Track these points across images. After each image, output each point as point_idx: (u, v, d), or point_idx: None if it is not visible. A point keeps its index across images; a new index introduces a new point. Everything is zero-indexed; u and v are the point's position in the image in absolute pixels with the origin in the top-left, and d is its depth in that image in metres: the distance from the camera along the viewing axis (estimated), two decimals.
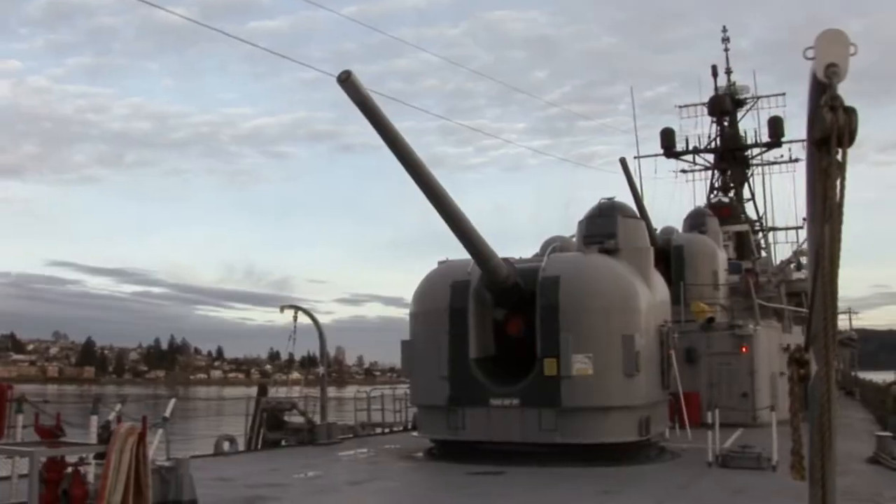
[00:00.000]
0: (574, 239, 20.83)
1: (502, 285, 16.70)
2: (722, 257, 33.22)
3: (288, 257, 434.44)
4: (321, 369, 24.44)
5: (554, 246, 18.50)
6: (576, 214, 19.87)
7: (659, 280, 19.01)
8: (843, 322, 49.53)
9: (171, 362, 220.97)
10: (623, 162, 32.88)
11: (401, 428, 27.78)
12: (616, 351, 16.44)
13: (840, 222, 3.40)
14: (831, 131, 3.30)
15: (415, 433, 19.09)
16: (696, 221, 35.39)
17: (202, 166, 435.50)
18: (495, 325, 17.68)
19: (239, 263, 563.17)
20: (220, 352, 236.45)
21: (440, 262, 18.92)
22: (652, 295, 17.91)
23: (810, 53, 3.62)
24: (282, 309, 24.64)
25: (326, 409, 24.16)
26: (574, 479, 14.51)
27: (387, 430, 27.22)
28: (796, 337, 30.63)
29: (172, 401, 14.50)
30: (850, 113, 3.34)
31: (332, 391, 26.11)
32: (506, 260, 16.81)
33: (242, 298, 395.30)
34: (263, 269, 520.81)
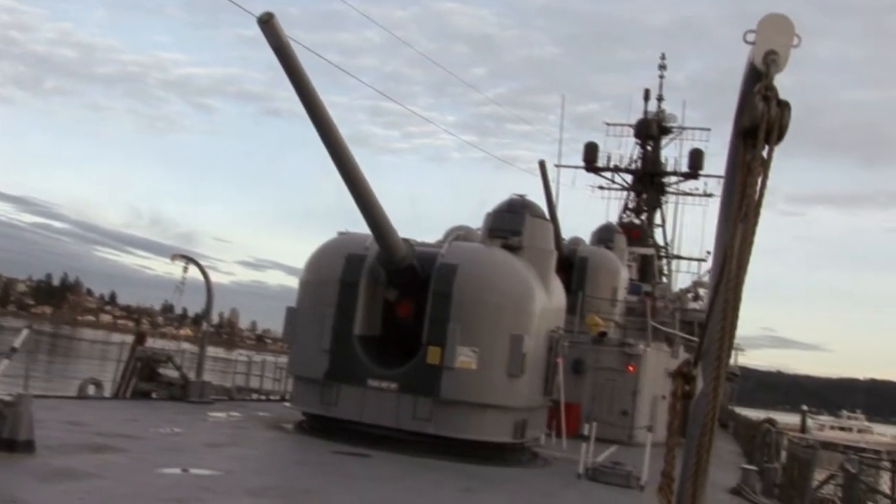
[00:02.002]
0: (480, 231, 20.47)
1: (398, 265, 16.24)
2: (624, 275, 33.46)
3: (198, 212, 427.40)
4: (205, 325, 23.66)
5: (457, 234, 18.10)
6: (482, 214, 19.40)
7: (558, 286, 18.80)
8: (747, 359, 50.72)
9: (60, 300, 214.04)
10: (542, 164, 32.75)
11: (277, 397, 27.18)
12: (503, 349, 16.13)
13: (756, 223, 3.06)
14: (760, 122, 2.95)
15: (287, 404, 18.50)
16: (604, 236, 35.56)
17: (124, 106, 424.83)
18: (385, 304, 17.20)
19: (147, 210, 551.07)
20: (112, 296, 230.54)
21: (340, 233, 18.36)
22: (548, 299, 17.68)
23: (750, 37, 3.29)
24: (173, 258, 23.82)
25: (203, 366, 23.43)
26: (439, 471, 14.16)
27: (263, 398, 26.58)
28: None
29: (25, 332, 13.68)
30: (784, 107, 3.00)
31: (219, 352, 25.36)
32: (406, 240, 16.32)
33: (144, 246, 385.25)
34: (171, 219, 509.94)
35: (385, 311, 17.19)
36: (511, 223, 17.98)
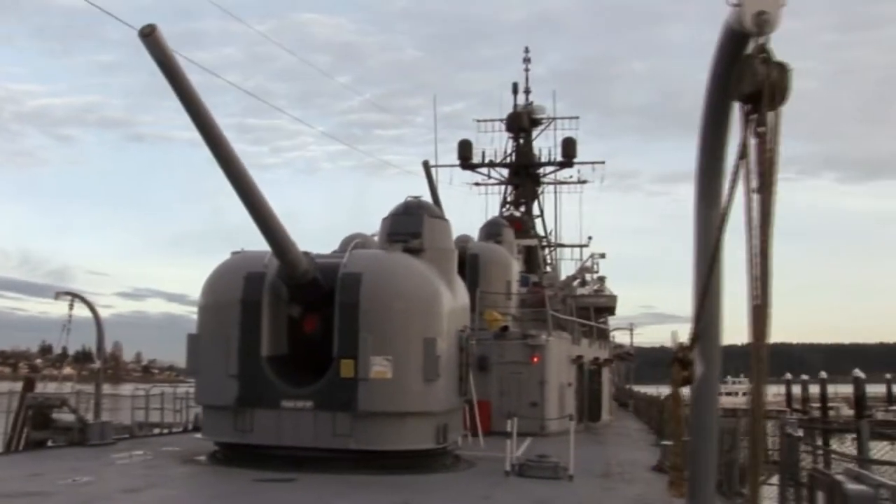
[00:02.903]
0: (376, 238, 20.17)
1: (300, 280, 15.79)
2: (516, 268, 33.69)
3: (68, 246, 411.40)
4: (97, 363, 22.62)
5: (356, 242, 17.75)
6: (368, 222, 19.09)
7: (460, 284, 18.69)
8: (625, 338, 51.80)
9: None
10: (426, 164, 32.77)
11: (181, 429, 26.24)
12: (417, 354, 15.88)
13: (774, 191, 2.91)
14: (763, 86, 2.80)
15: (198, 435, 17.78)
16: (492, 231, 35.68)
17: None
18: (290, 322, 16.70)
19: (14, 250, 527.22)
20: None
21: (234, 253, 17.76)
22: (454, 298, 17.53)
23: None
24: (57, 296, 22.73)
25: (101, 406, 22.42)
26: (370, 487, 13.82)
27: (166, 431, 25.60)
28: (584, 349, 31.47)
29: None
30: (784, 69, 2.86)
31: (107, 388, 24.31)
32: (305, 253, 15.89)
33: (14, 287, 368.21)
34: (41, 257, 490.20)
35: (290, 328, 16.70)
36: (409, 226, 17.75)
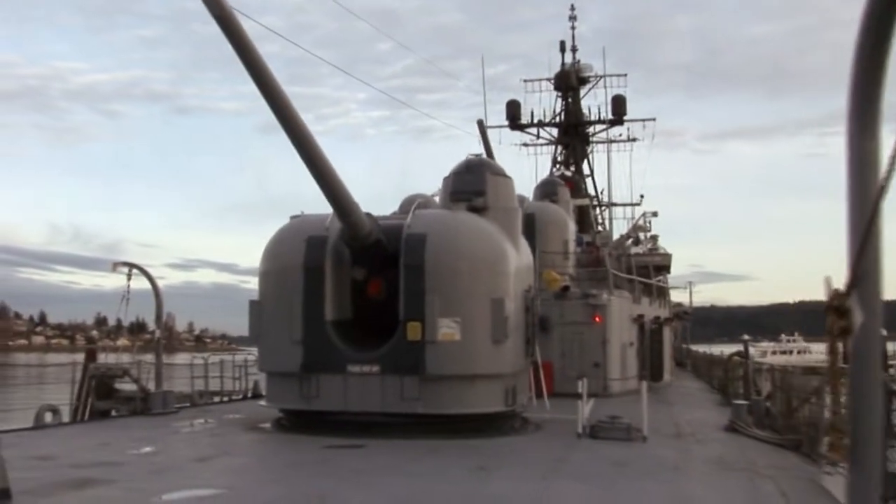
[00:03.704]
0: (436, 198, 19.69)
1: (364, 242, 15.34)
2: (572, 228, 33.10)
3: (118, 220, 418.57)
4: (157, 332, 22.46)
5: (419, 202, 17.25)
6: (410, 186, 18.50)
7: (524, 244, 18.17)
8: (684, 297, 50.96)
9: None
10: (480, 124, 32.15)
11: (240, 396, 26.18)
12: (484, 315, 15.43)
13: None
14: None
15: (261, 402, 17.55)
16: (548, 190, 35.01)
17: (28, 121, 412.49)
18: (353, 285, 16.33)
19: (66, 225, 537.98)
20: (42, 317, 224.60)
21: (292, 217, 17.38)
22: (519, 258, 17.03)
23: None
24: (114, 267, 22.45)
25: (162, 375, 22.31)
26: (441, 452, 13.43)
27: (226, 399, 25.55)
28: (645, 308, 30.83)
29: None
30: None
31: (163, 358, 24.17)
32: (368, 215, 15.42)
33: (69, 261, 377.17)
34: (92, 231, 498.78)
35: (353, 291, 16.33)
36: (473, 184, 17.20)
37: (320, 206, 15.86)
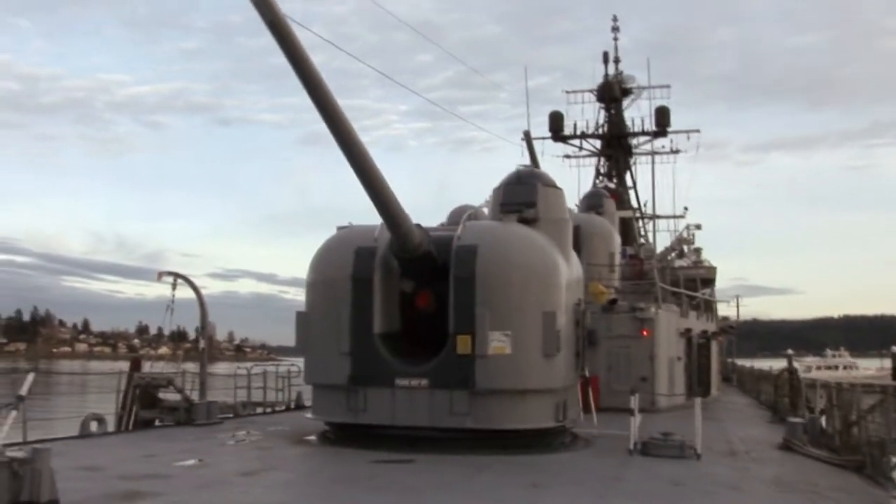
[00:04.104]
0: (485, 209, 19.42)
1: (413, 253, 15.04)
2: (618, 240, 32.71)
3: (160, 230, 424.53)
4: (201, 343, 22.42)
5: (469, 213, 16.97)
6: (451, 197, 18.19)
7: (574, 256, 17.84)
8: (729, 310, 50.18)
9: (32, 335, 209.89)
10: (527, 135, 31.97)
11: (283, 408, 26.04)
12: (536, 329, 15.09)
13: None
14: None
15: (307, 414, 17.32)
16: (593, 202, 34.71)
17: (74, 132, 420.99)
18: (402, 297, 16.07)
19: (109, 234, 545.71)
20: (85, 324, 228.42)
21: (339, 228, 17.18)
22: (570, 271, 16.70)
23: None
24: (159, 276, 22.55)
25: (206, 385, 22.26)
26: (493, 468, 13.12)
27: (269, 410, 25.40)
28: (692, 322, 30.31)
29: (30, 376, 12.45)
30: None
31: (190, 366, 24.16)
32: (418, 226, 15.13)
33: (112, 270, 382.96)
34: (135, 241, 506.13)
35: (402, 303, 16.07)
36: (523, 195, 16.91)
37: (363, 217, 15.72)
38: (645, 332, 25.63)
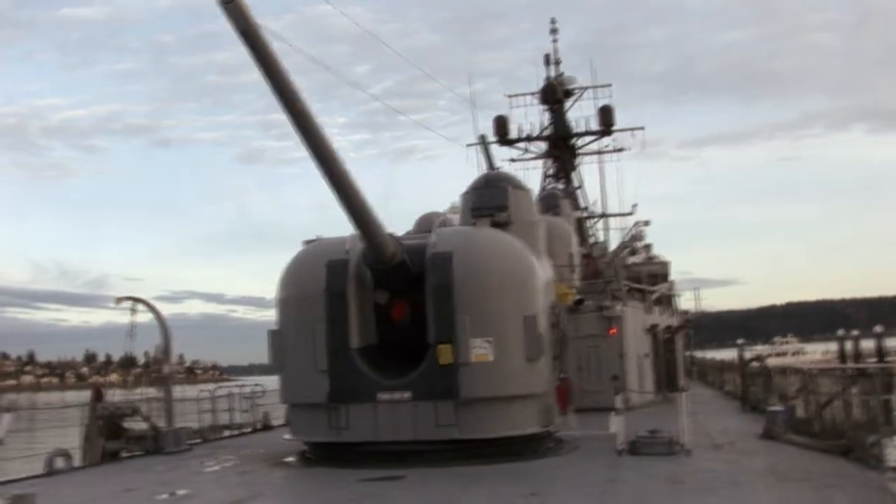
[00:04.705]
0: (450, 216, 19.13)
1: (388, 263, 14.66)
2: (575, 241, 32.63)
3: (102, 255, 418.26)
4: (166, 367, 21.77)
5: (442, 219, 16.66)
6: (398, 208, 17.70)
7: (545, 257, 17.64)
8: (691, 303, 50.50)
9: None
10: (483, 138, 31.69)
11: (251, 429, 25.42)
12: (517, 333, 14.83)
13: None
14: None
15: (286, 435, 16.82)
16: (550, 203, 34.45)
17: (8, 160, 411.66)
18: (377, 309, 15.67)
19: (50, 262, 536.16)
20: (31, 356, 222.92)
21: (306, 242, 16.74)
22: (544, 272, 16.49)
23: None
24: (118, 301, 21.85)
25: (173, 411, 21.60)
26: (487, 479, 12.82)
27: (237, 433, 24.78)
28: (656, 317, 30.36)
29: (6, 417, 11.78)
30: None
31: (151, 392, 23.57)
32: (391, 235, 14.81)
33: (55, 299, 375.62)
34: (78, 267, 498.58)
35: (377, 316, 15.68)
36: (494, 199, 16.70)
37: (308, 232, 15.19)
38: (613, 331, 25.55)
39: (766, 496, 11.23)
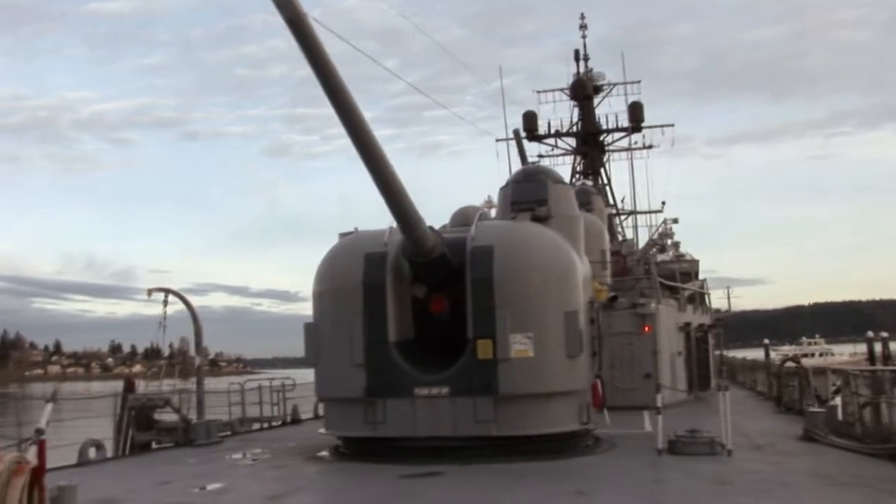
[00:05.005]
0: (491, 210, 18.83)
1: (428, 256, 14.39)
2: (607, 237, 32.26)
3: (129, 247, 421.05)
4: (198, 360, 21.70)
5: (481, 213, 16.39)
6: (425, 201, 16.97)
7: (584, 253, 17.34)
8: (723, 301, 49.96)
9: (3, 358, 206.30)
10: (517, 133, 31.43)
11: (280, 423, 25.34)
12: (558, 329, 14.54)
13: None
14: None
15: (321, 430, 16.61)
16: (582, 199, 33.78)
17: (39, 152, 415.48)
18: (414, 303, 15.46)
19: (79, 254, 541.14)
20: (57, 346, 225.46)
21: (342, 235, 16.53)
22: (584, 268, 16.21)
23: None
24: (150, 293, 21.83)
25: (203, 404, 21.54)
26: (529, 477, 12.55)
27: (266, 426, 24.70)
28: (689, 315, 29.93)
29: (48, 406, 11.64)
30: None
31: (177, 383, 23.48)
32: (430, 228, 14.53)
33: (82, 290, 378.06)
34: (105, 259, 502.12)
35: (415, 310, 15.45)
36: (534, 193, 16.41)
37: (338, 225, 14.98)
38: (647, 328, 25.23)
39: (822, 499, 10.92)
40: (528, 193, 16.53)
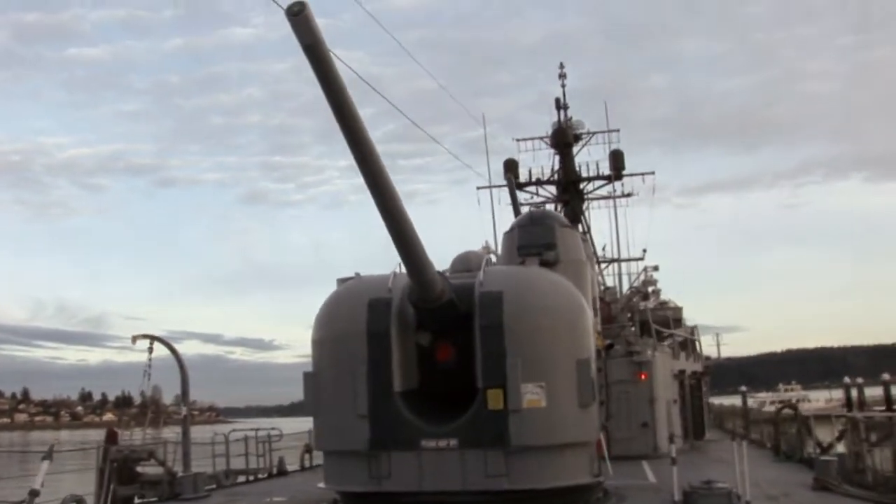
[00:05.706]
0: (490, 255, 18.38)
1: (436, 302, 13.73)
2: (598, 284, 31.94)
3: (103, 293, 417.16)
4: (184, 409, 20.94)
5: (487, 258, 15.86)
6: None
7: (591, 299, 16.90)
8: (712, 348, 49.74)
9: None
10: (510, 180, 31.13)
11: (266, 475, 24.50)
12: (570, 378, 13.95)
13: None
14: None
15: (321, 484, 15.85)
16: None
17: (10, 197, 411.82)
18: (419, 351, 14.85)
19: (50, 300, 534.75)
20: (25, 393, 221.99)
21: (341, 280, 15.89)
22: (592, 314, 15.73)
23: None
24: (134, 340, 21.27)
25: (190, 456, 20.74)
26: None
27: (251, 478, 23.85)
28: (683, 363, 29.58)
29: (44, 465, 10.92)
30: None
31: (150, 432, 22.74)
32: (439, 273, 13.97)
33: (53, 337, 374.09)
34: (77, 305, 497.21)
35: (420, 358, 14.83)
36: (541, 237, 15.95)
37: (318, 273, 14.43)
38: (643, 376, 24.81)
39: None
40: (535, 238, 16.07)
